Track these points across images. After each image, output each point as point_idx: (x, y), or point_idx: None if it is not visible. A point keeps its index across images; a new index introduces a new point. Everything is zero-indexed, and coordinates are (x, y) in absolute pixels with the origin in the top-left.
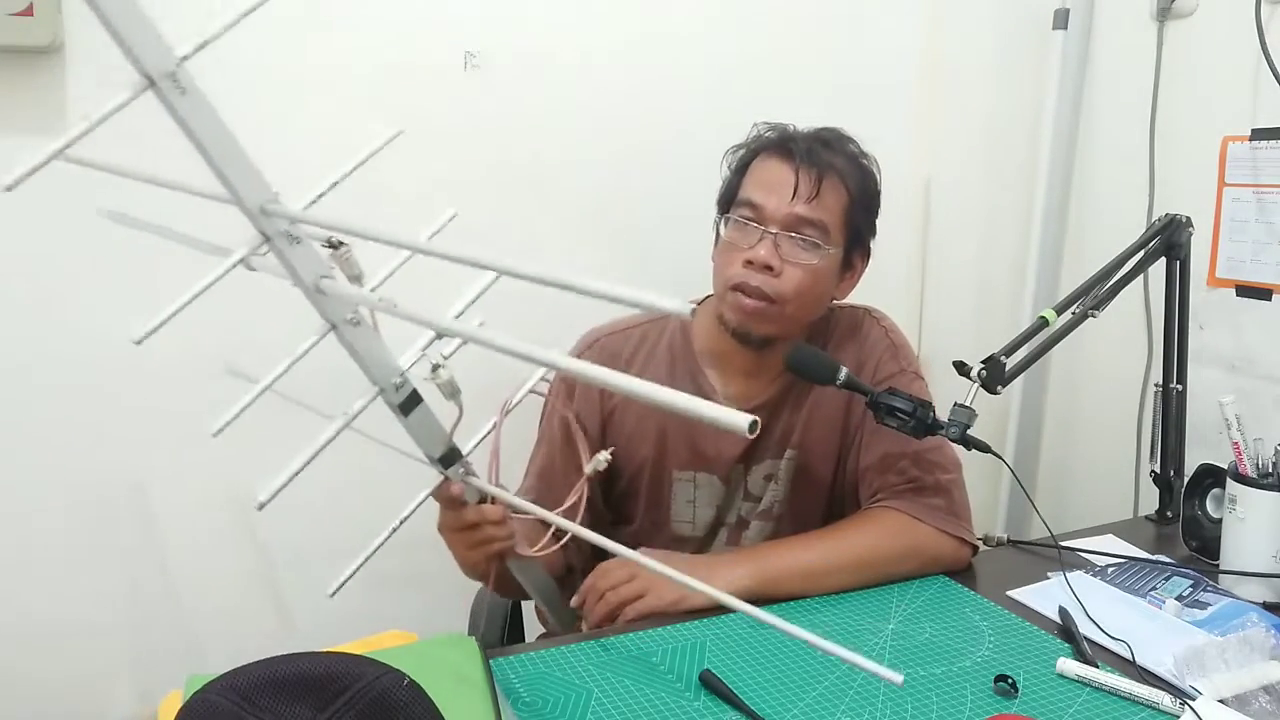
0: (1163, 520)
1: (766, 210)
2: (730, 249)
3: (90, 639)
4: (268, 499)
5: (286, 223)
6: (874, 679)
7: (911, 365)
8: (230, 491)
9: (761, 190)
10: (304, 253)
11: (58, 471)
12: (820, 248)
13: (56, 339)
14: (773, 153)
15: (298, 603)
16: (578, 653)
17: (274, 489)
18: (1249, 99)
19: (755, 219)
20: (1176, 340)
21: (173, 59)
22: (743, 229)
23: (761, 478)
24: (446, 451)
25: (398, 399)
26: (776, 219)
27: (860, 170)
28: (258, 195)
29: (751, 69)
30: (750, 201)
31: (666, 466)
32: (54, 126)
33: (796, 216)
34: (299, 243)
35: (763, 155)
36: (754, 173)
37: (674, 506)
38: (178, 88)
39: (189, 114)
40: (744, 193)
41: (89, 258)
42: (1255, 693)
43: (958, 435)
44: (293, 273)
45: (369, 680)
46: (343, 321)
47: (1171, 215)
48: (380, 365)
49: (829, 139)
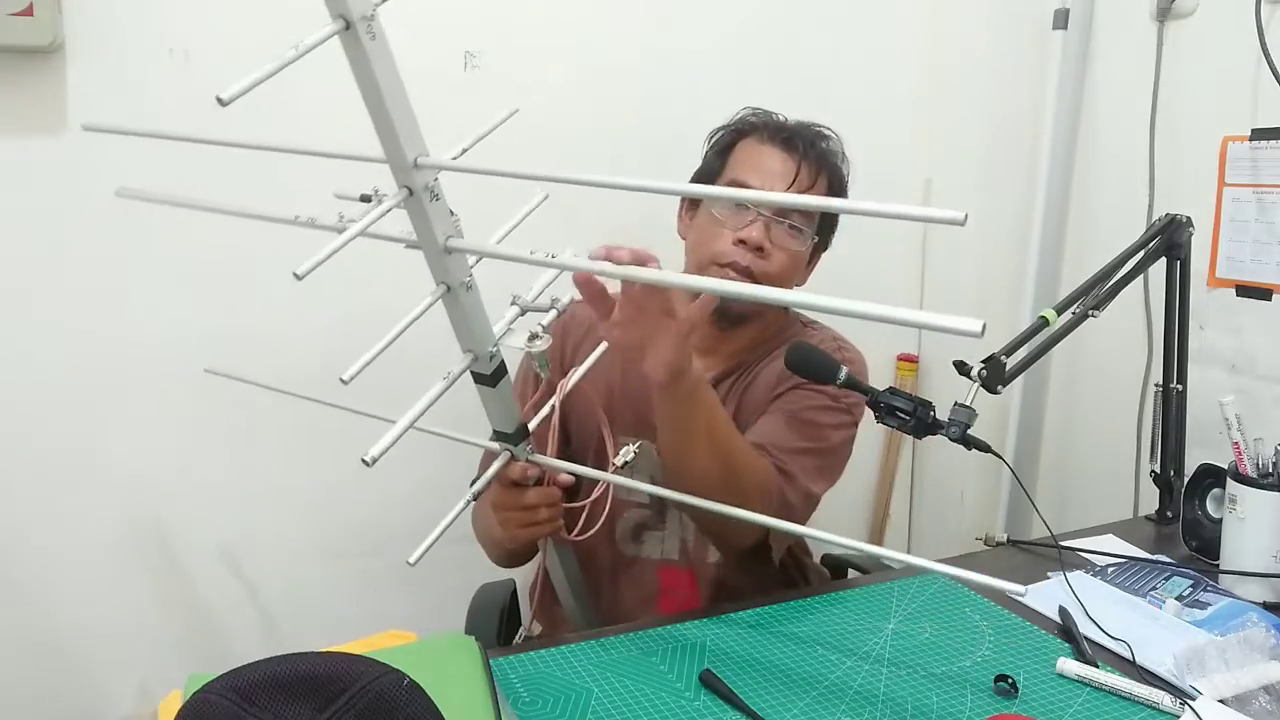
0: (1163, 520)
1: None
2: (717, 226)
3: (90, 639)
4: (379, 454)
5: (433, 176)
6: (874, 679)
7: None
8: (230, 491)
9: (758, 175)
10: (441, 210)
11: (57, 472)
12: (803, 234)
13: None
14: (766, 139)
15: (298, 603)
16: (578, 653)
17: (384, 445)
18: (1249, 99)
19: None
20: (1176, 340)
21: (370, 3)
22: (735, 210)
23: None
24: (518, 428)
25: (489, 368)
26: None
27: (839, 171)
28: (413, 147)
29: (751, 68)
30: (744, 183)
31: (612, 429)
32: (54, 126)
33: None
34: (438, 200)
35: (754, 139)
36: (745, 156)
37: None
38: (370, 32)
39: (375, 58)
40: (736, 174)
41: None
42: (1255, 693)
43: (958, 435)
44: (424, 231)
45: (369, 680)
46: (459, 285)
47: (1172, 215)
48: (481, 332)
49: (822, 134)
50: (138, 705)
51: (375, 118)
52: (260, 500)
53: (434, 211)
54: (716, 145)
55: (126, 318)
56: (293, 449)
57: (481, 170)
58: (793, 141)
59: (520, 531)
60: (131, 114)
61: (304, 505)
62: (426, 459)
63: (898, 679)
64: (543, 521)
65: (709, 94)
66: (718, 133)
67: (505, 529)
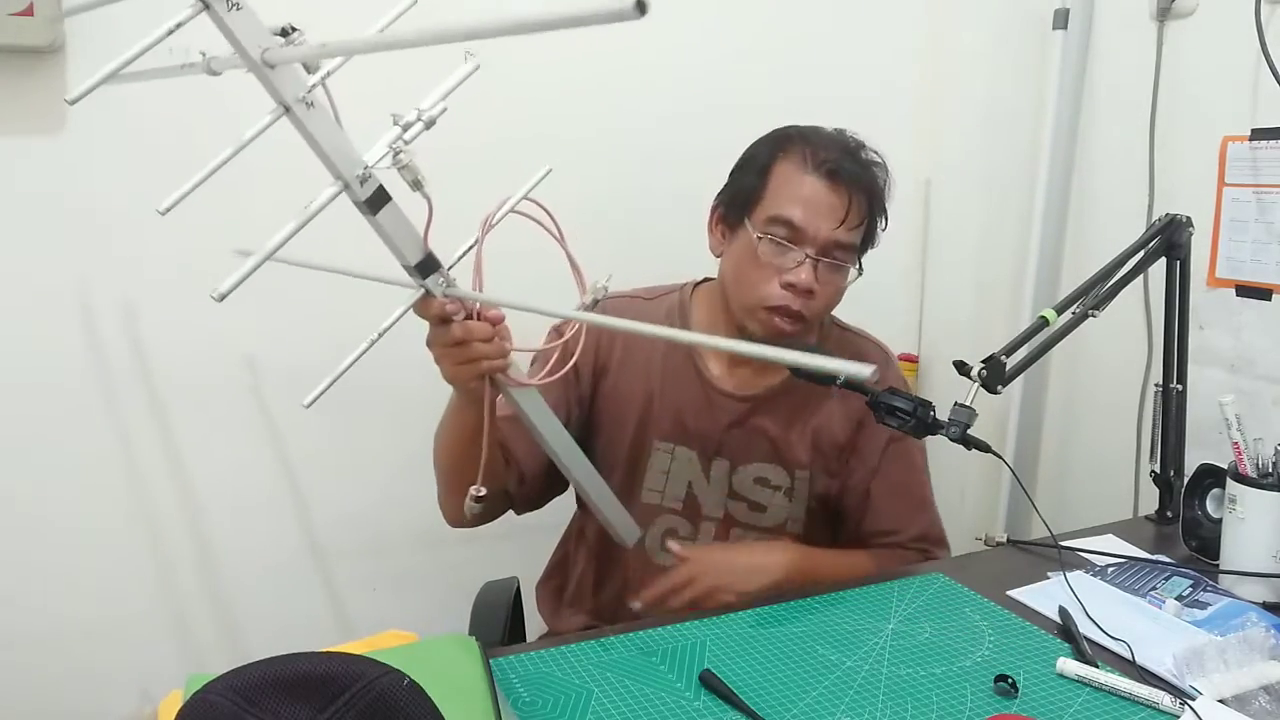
0: (1163, 520)
1: (808, 233)
2: (764, 267)
3: (90, 639)
4: (228, 290)
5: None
6: (874, 679)
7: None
8: (230, 491)
9: (802, 210)
10: (244, 20)
11: (56, 473)
12: (845, 268)
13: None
14: (810, 167)
15: (298, 603)
16: (578, 653)
17: (236, 279)
18: (1249, 99)
19: (794, 240)
20: (1176, 340)
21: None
22: (779, 249)
23: (753, 481)
24: (424, 258)
25: (363, 194)
26: (816, 242)
27: (880, 188)
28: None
29: (751, 68)
30: (790, 222)
31: (649, 434)
32: (54, 126)
33: (835, 242)
34: (239, 9)
35: (795, 163)
36: (786, 183)
37: (648, 475)
38: None
39: None
40: (779, 208)
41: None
42: (1255, 693)
43: (958, 435)
44: (236, 46)
45: (369, 680)
46: (296, 102)
47: (1171, 215)
48: (341, 155)
49: (862, 157)
50: (138, 705)
51: None
52: (260, 500)
53: (236, 22)
54: (755, 162)
55: (126, 316)
56: (293, 449)
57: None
58: (839, 174)
59: (457, 370)
60: (131, 114)
61: (304, 505)
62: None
63: (898, 679)
64: (477, 357)
65: (709, 94)
66: (755, 147)
67: (444, 373)
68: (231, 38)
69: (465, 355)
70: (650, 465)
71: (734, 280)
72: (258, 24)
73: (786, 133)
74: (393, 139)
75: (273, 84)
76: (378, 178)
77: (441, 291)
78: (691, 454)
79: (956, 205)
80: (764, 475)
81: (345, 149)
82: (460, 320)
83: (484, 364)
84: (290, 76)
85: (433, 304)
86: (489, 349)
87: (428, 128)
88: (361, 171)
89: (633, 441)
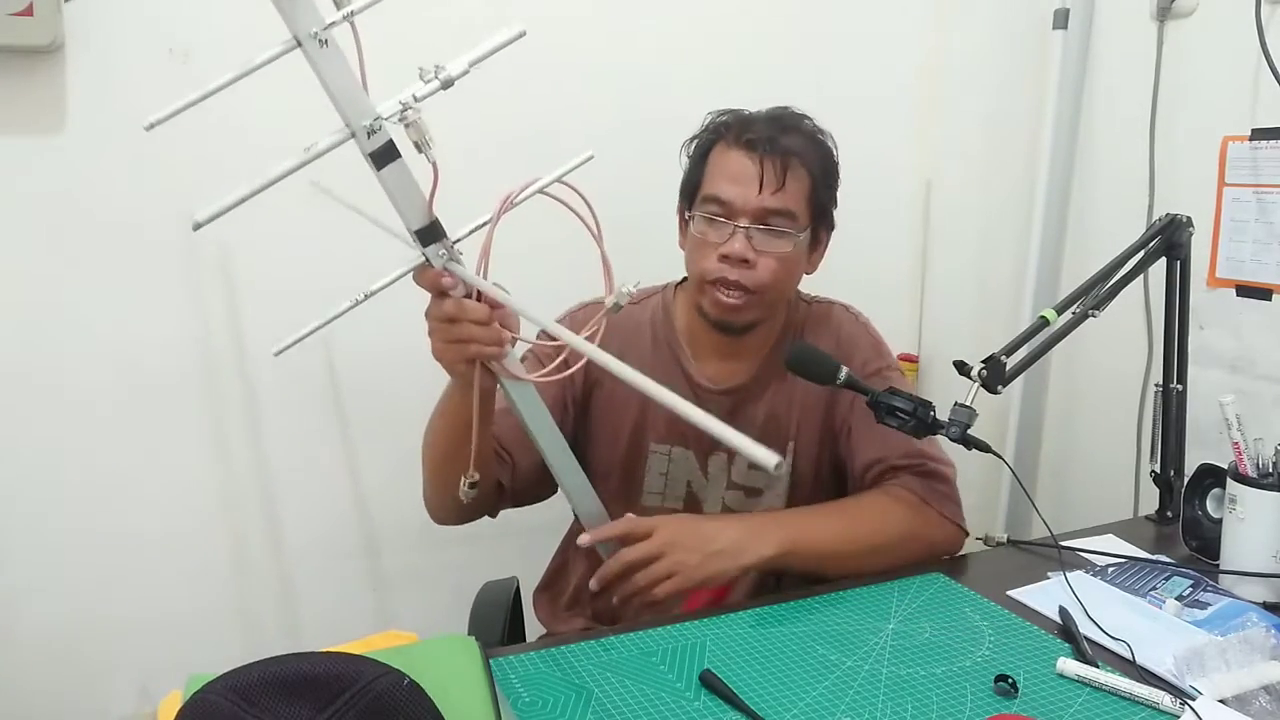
0: (1163, 520)
1: (735, 205)
2: (702, 244)
3: (90, 639)
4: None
5: None
6: (874, 679)
7: (894, 362)
8: (230, 492)
9: (726, 183)
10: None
11: (55, 473)
12: (790, 234)
13: (45, 335)
14: (732, 143)
15: (298, 603)
16: (578, 653)
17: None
18: (1249, 99)
19: (724, 214)
20: (1176, 340)
21: None
22: (712, 224)
23: (748, 466)
24: (427, 225)
25: (370, 146)
26: (746, 212)
27: (819, 147)
28: None
29: (751, 68)
30: (717, 197)
31: (646, 437)
32: (54, 126)
33: (765, 209)
34: None
35: (722, 145)
36: (715, 164)
37: (647, 478)
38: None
39: None
40: (709, 187)
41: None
42: (1255, 693)
43: (958, 435)
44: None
45: (369, 680)
46: (308, 37)
47: (1172, 215)
48: (353, 103)
49: (786, 123)
50: (138, 705)
51: None
52: (260, 500)
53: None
54: (697, 152)
55: (126, 318)
56: (293, 449)
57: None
58: (756, 143)
59: (445, 348)
60: (131, 114)
61: (304, 505)
62: None
63: (898, 679)
64: (467, 339)
65: (709, 94)
66: (694, 139)
67: (432, 348)
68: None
69: (455, 334)
70: (649, 468)
71: (687, 265)
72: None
73: (722, 118)
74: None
75: (289, 11)
76: (388, 131)
77: (442, 264)
78: (688, 453)
79: (956, 205)
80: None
81: (357, 96)
82: (458, 296)
83: (473, 347)
84: (308, 8)
85: (428, 274)
86: (481, 333)
87: (445, 88)
88: (370, 122)
89: (629, 446)
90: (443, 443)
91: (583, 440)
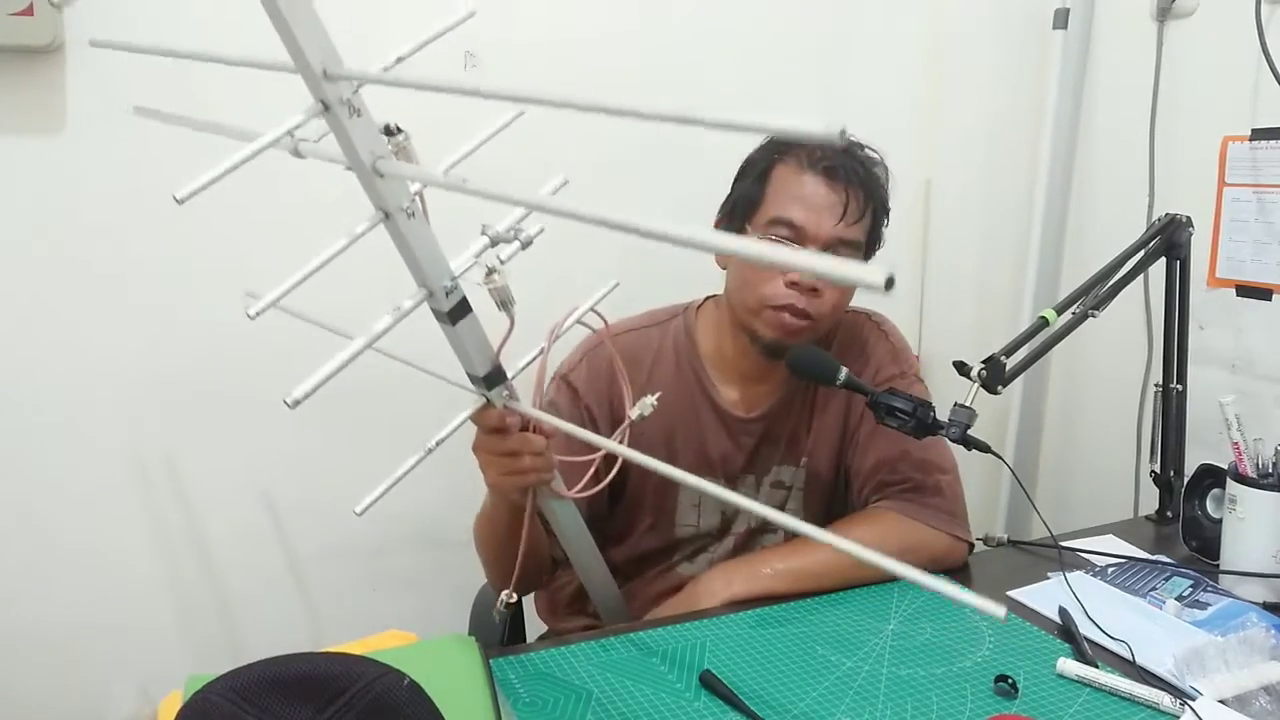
0: (1163, 520)
1: (808, 231)
2: (766, 268)
3: (90, 639)
4: (302, 396)
5: (350, 89)
6: (874, 679)
7: (912, 368)
8: (230, 493)
9: (802, 208)
10: (364, 127)
11: (56, 472)
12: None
13: (45, 335)
14: (806, 166)
15: (298, 603)
16: (578, 653)
17: (308, 387)
18: (1249, 99)
19: (796, 239)
20: (1176, 340)
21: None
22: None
23: (770, 486)
24: (492, 370)
25: (447, 305)
26: (818, 240)
27: (880, 185)
28: (321, 56)
29: (752, 68)
30: (790, 221)
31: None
32: (54, 126)
33: (838, 239)
34: (359, 115)
35: (792, 164)
36: (783, 185)
37: (679, 511)
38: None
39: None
40: (777, 209)
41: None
42: (1255, 693)
43: (958, 435)
44: (349, 149)
45: (369, 680)
46: (398, 210)
47: (1172, 215)
48: (432, 265)
49: (859, 155)
50: (138, 705)
51: (277, 28)
52: (260, 500)
53: (355, 128)
54: (753, 169)
55: (126, 317)
56: (293, 449)
57: (407, 84)
58: (836, 170)
59: (503, 479)
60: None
61: (304, 505)
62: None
63: (898, 679)
64: (527, 470)
65: (709, 94)
66: (752, 156)
67: (487, 477)
68: (348, 144)
69: (515, 467)
70: (680, 500)
71: (739, 286)
72: (374, 130)
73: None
74: (482, 250)
75: (378, 191)
76: (462, 289)
77: (503, 403)
78: (720, 482)
79: (956, 206)
80: (780, 479)
81: (437, 257)
82: (517, 432)
83: (532, 476)
84: (398, 184)
85: (491, 414)
86: (539, 463)
87: (524, 248)
88: (449, 284)
89: (658, 483)
90: (490, 550)
91: (617, 487)
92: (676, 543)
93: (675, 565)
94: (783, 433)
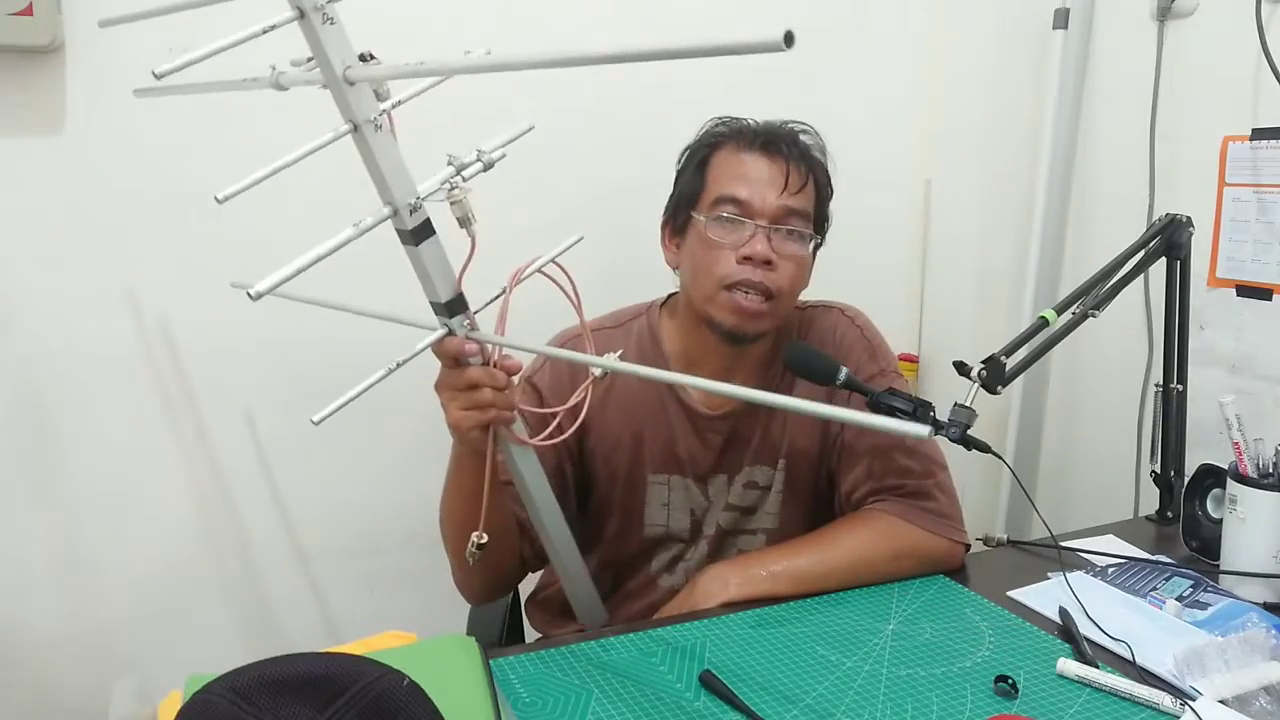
0: (1163, 520)
1: (753, 205)
2: (715, 248)
3: (90, 639)
4: (266, 289)
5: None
6: (874, 679)
7: (891, 365)
8: (230, 492)
9: (744, 185)
10: (337, 35)
11: (56, 472)
12: (806, 237)
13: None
14: (744, 147)
15: (298, 603)
16: (578, 653)
17: (275, 280)
18: (1249, 99)
19: (743, 214)
20: (1176, 340)
21: None
22: (730, 226)
23: (743, 486)
24: (454, 298)
25: (411, 223)
26: (766, 212)
27: (821, 163)
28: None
29: (751, 68)
30: (734, 197)
31: (643, 471)
32: (54, 126)
33: (786, 208)
34: (333, 23)
35: (731, 148)
36: (724, 168)
37: (647, 510)
38: None
39: None
40: (721, 189)
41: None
42: (1255, 693)
43: (958, 435)
44: (322, 59)
45: (369, 680)
46: (366, 123)
47: (1172, 215)
48: (398, 181)
49: (800, 130)
50: (138, 705)
51: None
52: (260, 501)
53: (328, 36)
54: (691, 161)
55: (126, 317)
56: (292, 450)
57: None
58: (774, 144)
59: (463, 415)
60: (131, 114)
61: (304, 506)
62: (426, 459)
63: (898, 680)
64: (487, 405)
65: (708, 94)
66: (689, 150)
67: (449, 416)
68: (319, 50)
69: (476, 400)
70: (649, 499)
71: (692, 274)
72: (346, 42)
73: (715, 126)
74: (449, 175)
75: (348, 101)
76: (426, 209)
77: (465, 333)
78: (688, 481)
79: (956, 205)
80: (753, 479)
81: (402, 175)
82: (478, 364)
83: (492, 412)
84: (365, 96)
85: (453, 343)
86: (499, 398)
87: (486, 169)
88: (413, 201)
89: (627, 481)
90: (460, 512)
91: (585, 484)
92: (649, 545)
93: (655, 578)
94: (753, 430)
